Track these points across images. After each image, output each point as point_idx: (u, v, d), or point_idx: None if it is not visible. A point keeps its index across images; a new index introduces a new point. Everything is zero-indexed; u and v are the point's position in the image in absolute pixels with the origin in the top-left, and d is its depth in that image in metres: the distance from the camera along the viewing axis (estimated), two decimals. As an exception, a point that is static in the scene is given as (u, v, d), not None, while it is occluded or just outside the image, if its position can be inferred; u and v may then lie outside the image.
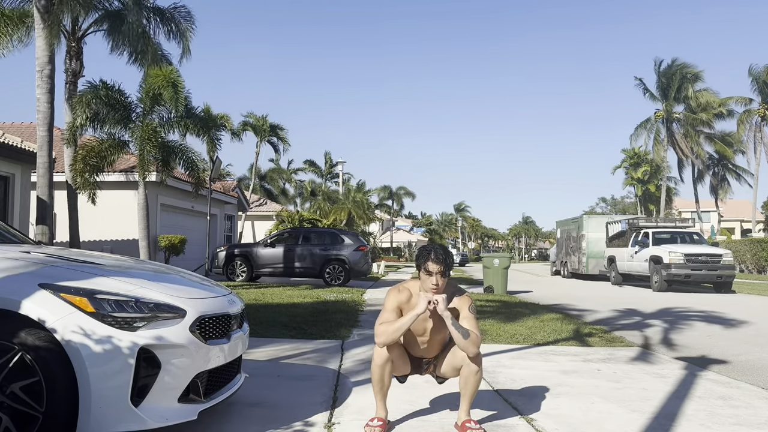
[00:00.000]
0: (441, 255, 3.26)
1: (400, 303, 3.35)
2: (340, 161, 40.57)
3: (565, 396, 4.28)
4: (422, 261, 3.28)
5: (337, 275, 16.18)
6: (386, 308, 3.35)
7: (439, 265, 3.24)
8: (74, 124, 12.66)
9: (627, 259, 19.77)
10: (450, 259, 3.30)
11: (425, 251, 3.31)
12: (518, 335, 7.04)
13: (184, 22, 15.25)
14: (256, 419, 3.51)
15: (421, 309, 3.22)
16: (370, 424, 3.35)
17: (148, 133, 12.71)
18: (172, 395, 2.88)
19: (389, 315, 3.31)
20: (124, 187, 16.43)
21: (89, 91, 12.71)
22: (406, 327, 3.24)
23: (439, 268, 3.24)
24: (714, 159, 41.50)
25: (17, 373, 2.62)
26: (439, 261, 3.24)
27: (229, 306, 3.39)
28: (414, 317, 3.23)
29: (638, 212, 52.30)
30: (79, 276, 2.91)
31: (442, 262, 3.25)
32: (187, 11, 15.31)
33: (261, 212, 32.26)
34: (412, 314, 3.23)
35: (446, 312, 3.23)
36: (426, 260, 3.26)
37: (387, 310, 3.34)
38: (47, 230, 10.66)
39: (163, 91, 12.78)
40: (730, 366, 5.85)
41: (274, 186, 47.99)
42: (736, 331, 8.50)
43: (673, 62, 37.98)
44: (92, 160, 12.78)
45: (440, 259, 3.24)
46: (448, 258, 3.28)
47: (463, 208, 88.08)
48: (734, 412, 3.96)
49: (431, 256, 3.25)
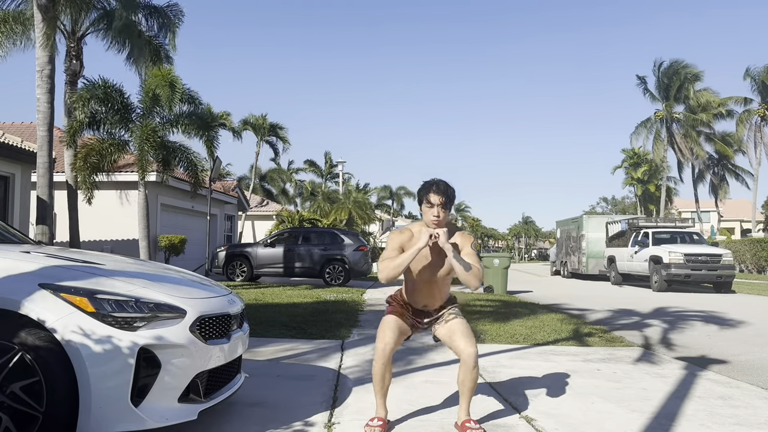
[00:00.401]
0: (442, 186, 3.25)
1: (402, 243, 3.32)
2: (340, 161, 40.54)
3: (565, 396, 4.28)
4: (424, 193, 3.27)
5: (337, 275, 16.18)
6: (389, 248, 3.33)
7: (441, 197, 3.23)
8: (73, 124, 12.66)
9: (627, 259, 19.78)
10: (452, 192, 3.28)
11: (427, 184, 3.29)
12: (518, 335, 7.04)
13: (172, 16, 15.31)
14: (256, 419, 3.51)
15: (423, 243, 3.21)
16: (370, 424, 3.33)
17: (147, 133, 12.72)
18: (172, 395, 2.88)
19: (392, 254, 3.30)
20: (125, 187, 16.43)
21: (88, 89, 12.70)
22: (408, 262, 3.23)
23: (440, 200, 3.23)
24: (714, 159, 41.51)
25: (17, 373, 2.62)
26: (441, 192, 3.23)
27: (229, 306, 3.39)
28: (416, 251, 3.22)
29: (638, 212, 52.32)
30: (79, 276, 2.91)
31: (444, 194, 3.23)
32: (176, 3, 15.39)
33: (261, 212, 32.27)
34: (414, 249, 3.22)
35: (447, 245, 3.20)
36: (428, 192, 3.25)
37: (389, 250, 3.32)
38: (47, 230, 10.65)
39: (160, 91, 12.79)
40: (730, 366, 5.85)
41: (274, 186, 48.01)
42: (735, 331, 8.51)
43: (672, 62, 37.99)
44: (93, 159, 12.79)
45: (441, 190, 3.24)
46: (449, 191, 3.27)
47: (463, 208, 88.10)
48: (734, 412, 3.96)
49: (433, 188, 3.25)
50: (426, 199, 3.26)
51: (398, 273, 3.25)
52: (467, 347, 3.26)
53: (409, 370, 5.02)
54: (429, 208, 3.25)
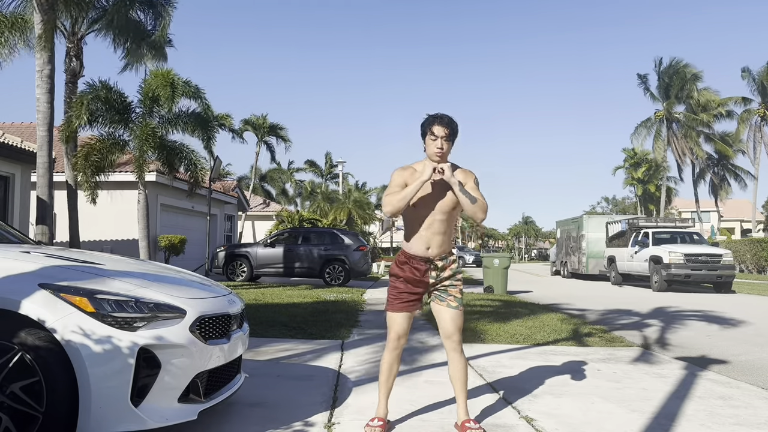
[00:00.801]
0: (446, 119, 3.24)
1: (406, 179, 3.30)
2: (340, 161, 40.54)
3: (565, 396, 4.28)
4: (427, 125, 3.26)
5: (337, 275, 16.18)
6: (392, 184, 3.33)
7: (445, 128, 3.22)
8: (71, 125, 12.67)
9: (627, 259, 19.78)
10: (455, 125, 3.28)
11: (431, 116, 3.27)
12: (518, 335, 7.04)
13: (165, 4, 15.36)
14: (256, 419, 3.51)
15: (427, 175, 3.20)
16: (371, 424, 3.33)
17: (146, 134, 12.73)
18: (172, 395, 2.88)
19: (395, 189, 3.29)
20: (125, 187, 16.43)
21: (89, 92, 12.72)
22: (413, 193, 3.21)
23: (444, 131, 3.23)
24: (714, 159, 41.53)
25: (17, 373, 2.62)
26: (445, 124, 3.23)
27: (229, 306, 3.39)
28: (420, 184, 3.21)
29: (638, 212, 52.33)
30: (79, 276, 2.91)
31: (448, 125, 3.23)
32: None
33: (261, 212, 32.29)
34: (418, 182, 3.21)
35: (453, 179, 3.21)
36: (431, 123, 3.25)
37: (392, 186, 3.32)
38: (47, 230, 10.65)
39: (161, 91, 12.80)
40: (730, 366, 5.85)
41: (274, 186, 48.04)
42: (735, 331, 8.51)
43: (673, 62, 38.00)
44: (94, 158, 12.79)
45: (446, 122, 3.23)
46: (453, 123, 3.26)
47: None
48: (734, 412, 3.96)
49: (437, 120, 3.24)
50: (430, 131, 3.25)
51: (403, 205, 3.23)
52: (453, 333, 3.33)
53: (410, 370, 5.01)
54: (432, 140, 3.25)
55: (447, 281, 3.39)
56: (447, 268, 3.39)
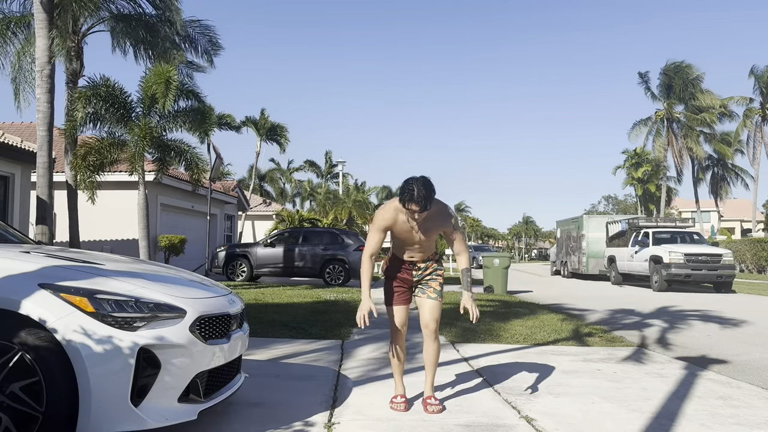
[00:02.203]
0: (420, 197, 3.40)
1: (386, 223, 3.66)
2: (340, 161, 40.50)
3: (565, 396, 4.28)
4: (405, 198, 3.45)
5: (337, 275, 16.18)
6: (373, 227, 3.72)
7: (418, 207, 3.43)
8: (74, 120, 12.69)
9: (627, 258, 19.78)
10: (429, 198, 3.44)
11: (408, 189, 3.43)
12: (518, 335, 7.04)
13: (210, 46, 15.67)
14: (256, 419, 3.51)
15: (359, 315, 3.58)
16: (395, 401, 3.78)
17: (145, 131, 12.72)
18: (172, 395, 2.88)
19: (374, 236, 3.70)
20: (125, 187, 16.43)
21: (90, 87, 12.75)
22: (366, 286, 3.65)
23: (417, 208, 3.45)
24: (713, 159, 41.52)
25: (17, 373, 2.62)
26: (420, 204, 3.42)
27: (229, 306, 3.39)
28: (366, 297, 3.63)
29: (638, 212, 52.32)
30: (79, 276, 2.91)
31: (422, 204, 3.43)
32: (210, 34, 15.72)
33: (261, 212, 32.26)
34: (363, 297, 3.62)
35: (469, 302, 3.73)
36: (408, 201, 3.44)
37: (373, 231, 3.71)
38: (47, 230, 10.64)
39: (157, 88, 12.80)
40: (730, 366, 5.85)
41: (274, 186, 48.01)
42: (736, 331, 8.50)
43: (674, 63, 37.97)
44: (92, 158, 12.79)
45: (421, 202, 3.41)
46: (428, 200, 3.44)
47: (463, 208, 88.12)
48: (734, 412, 3.96)
49: (413, 201, 3.42)
50: (407, 207, 3.48)
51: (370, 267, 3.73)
52: (430, 323, 3.76)
53: (410, 369, 5.01)
54: (409, 211, 3.50)
55: (428, 276, 3.85)
56: (429, 267, 3.85)
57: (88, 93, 12.64)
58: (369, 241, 3.72)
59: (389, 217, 3.64)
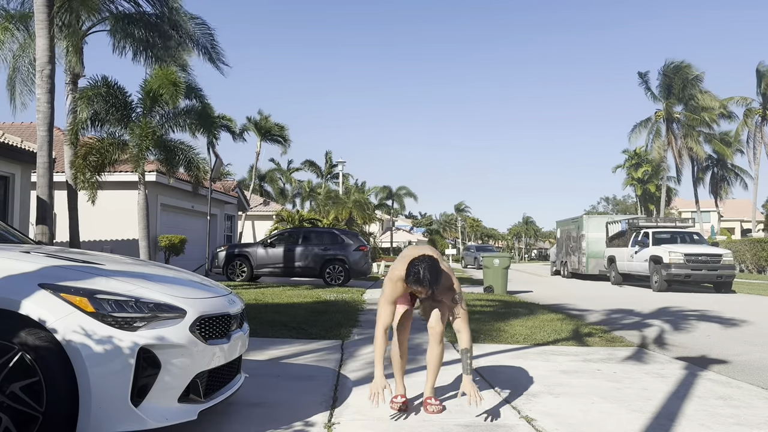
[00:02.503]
0: (428, 282, 3.41)
1: (396, 293, 3.64)
2: (340, 161, 40.51)
3: (565, 396, 4.28)
4: (411, 280, 3.46)
5: (337, 275, 16.18)
6: (384, 300, 3.65)
7: (425, 289, 3.46)
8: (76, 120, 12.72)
9: (627, 259, 19.77)
10: (435, 277, 3.44)
11: (414, 272, 3.44)
12: (518, 335, 7.04)
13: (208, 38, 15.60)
14: (256, 419, 3.51)
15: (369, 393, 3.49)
16: (395, 401, 3.73)
17: (146, 132, 12.73)
18: (172, 395, 2.88)
19: (387, 310, 3.62)
20: (125, 187, 16.43)
21: (91, 87, 12.77)
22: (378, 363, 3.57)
23: (424, 291, 3.48)
24: (713, 159, 41.51)
25: (17, 373, 2.62)
26: (426, 287, 3.44)
27: (229, 306, 3.39)
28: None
29: (638, 212, 52.31)
30: (79, 276, 2.91)
31: (428, 288, 3.45)
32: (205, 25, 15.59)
33: (261, 212, 32.26)
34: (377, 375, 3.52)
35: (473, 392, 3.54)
36: (414, 284, 3.46)
37: (385, 303, 3.64)
38: (47, 230, 10.63)
39: (164, 90, 12.81)
40: (730, 366, 5.85)
41: (274, 186, 48.01)
42: (736, 331, 8.50)
43: (674, 63, 37.94)
44: (93, 158, 12.79)
45: (427, 286, 3.43)
46: (434, 284, 3.44)
47: (463, 208, 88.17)
48: (734, 412, 3.96)
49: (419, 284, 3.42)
50: (413, 289, 3.52)
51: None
52: (436, 325, 3.69)
53: (410, 370, 5.01)
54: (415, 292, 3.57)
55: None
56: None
57: (89, 92, 12.67)
58: (381, 314, 3.62)
59: (399, 290, 3.63)
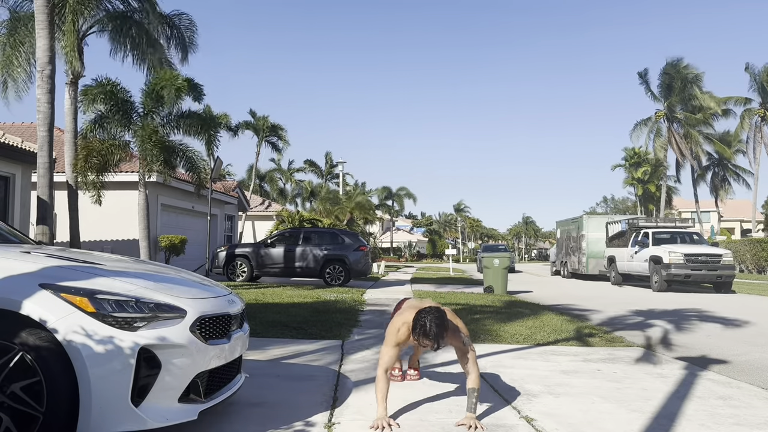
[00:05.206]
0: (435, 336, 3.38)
1: (399, 341, 3.63)
2: (340, 161, 40.54)
3: (566, 396, 4.28)
4: (418, 334, 3.44)
5: (338, 275, 16.18)
6: (389, 343, 3.62)
7: (432, 343, 3.43)
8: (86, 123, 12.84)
9: (627, 259, 19.77)
10: (442, 331, 3.42)
11: (421, 325, 3.42)
12: (518, 335, 7.04)
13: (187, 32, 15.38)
14: (256, 419, 3.51)
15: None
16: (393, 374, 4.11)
17: (148, 133, 12.74)
18: (172, 395, 2.89)
19: (390, 353, 3.58)
20: (125, 187, 16.43)
21: (95, 87, 12.81)
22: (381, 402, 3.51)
23: (431, 345, 3.44)
24: (714, 159, 41.50)
25: (18, 373, 2.63)
26: (432, 341, 3.41)
27: (229, 306, 3.40)
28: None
29: (638, 212, 52.29)
30: (80, 276, 2.91)
31: (435, 342, 3.42)
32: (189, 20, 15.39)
33: (261, 212, 32.25)
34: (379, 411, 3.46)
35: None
36: (421, 337, 3.44)
37: (389, 345, 3.61)
38: (48, 230, 10.63)
39: (164, 92, 12.82)
40: (730, 366, 5.85)
41: (274, 187, 47.99)
42: (736, 331, 8.50)
43: (674, 63, 37.95)
44: (94, 160, 12.80)
45: (433, 339, 3.40)
46: (440, 337, 3.42)
47: (463, 209, 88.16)
48: (734, 412, 3.96)
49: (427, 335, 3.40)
50: (420, 342, 3.50)
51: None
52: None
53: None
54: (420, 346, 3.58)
55: None
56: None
57: (95, 90, 12.73)
58: (384, 357, 3.58)
59: (404, 338, 3.64)
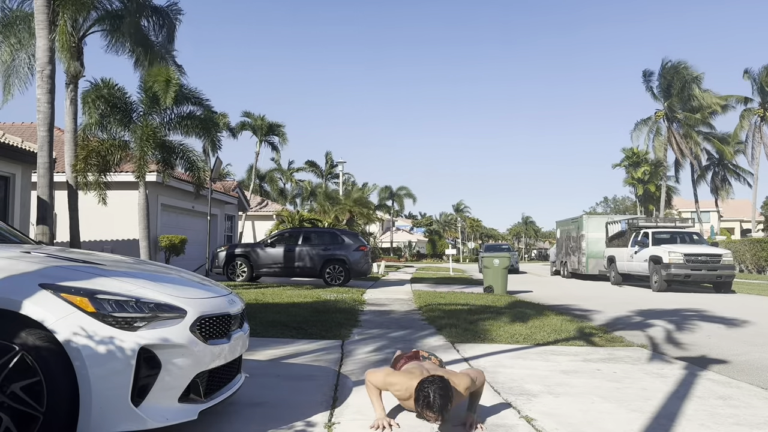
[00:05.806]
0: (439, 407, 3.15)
1: (387, 384, 3.48)
2: (340, 161, 40.56)
3: (565, 396, 4.28)
4: (421, 405, 3.20)
5: (337, 275, 16.18)
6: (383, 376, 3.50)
7: (436, 416, 3.20)
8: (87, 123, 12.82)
9: (627, 259, 19.78)
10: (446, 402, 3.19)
11: (424, 395, 3.18)
12: (518, 335, 7.04)
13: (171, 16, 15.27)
14: (256, 419, 3.52)
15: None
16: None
17: (147, 133, 12.74)
18: (172, 395, 2.89)
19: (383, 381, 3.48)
20: (125, 187, 16.43)
21: (93, 90, 12.80)
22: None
23: (434, 418, 3.21)
24: (714, 159, 41.49)
25: (18, 374, 2.63)
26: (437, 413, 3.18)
27: (229, 306, 3.40)
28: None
29: (638, 212, 52.29)
30: (80, 276, 2.91)
31: (438, 415, 3.19)
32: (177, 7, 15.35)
33: (261, 212, 32.25)
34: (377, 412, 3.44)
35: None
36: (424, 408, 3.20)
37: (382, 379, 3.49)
38: (48, 230, 10.64)
39: (157, 87, 12.80)
40: (730, 366, 5.85)
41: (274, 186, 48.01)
42: (735, 331, 8.51)
43: (674, 63, 37.95)
44: (93, 160, 12.81)
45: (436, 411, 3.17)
46: (444, 409, 3.18)
47: (463, 208, 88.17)
48: (734, 412, 3.96)
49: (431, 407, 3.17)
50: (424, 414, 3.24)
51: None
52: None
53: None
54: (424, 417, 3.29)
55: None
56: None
57: (93, 95, 12.72)
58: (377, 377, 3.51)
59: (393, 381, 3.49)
